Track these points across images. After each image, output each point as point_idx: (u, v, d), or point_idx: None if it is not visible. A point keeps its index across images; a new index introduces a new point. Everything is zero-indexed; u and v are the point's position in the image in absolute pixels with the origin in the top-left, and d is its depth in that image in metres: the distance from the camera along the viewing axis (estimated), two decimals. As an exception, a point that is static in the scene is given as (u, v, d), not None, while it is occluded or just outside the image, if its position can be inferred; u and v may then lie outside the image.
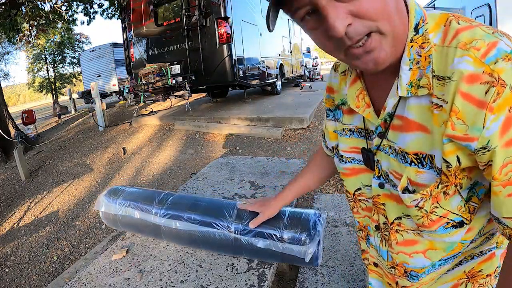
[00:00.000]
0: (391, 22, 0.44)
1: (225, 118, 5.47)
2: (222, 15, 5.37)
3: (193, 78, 5.68)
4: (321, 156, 0.88)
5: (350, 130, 0.64)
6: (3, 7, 7.09)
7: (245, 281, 1.04)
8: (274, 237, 1.03)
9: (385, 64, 0.47)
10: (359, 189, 0.65)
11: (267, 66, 7.05)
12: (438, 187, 0.50)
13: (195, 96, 9.13)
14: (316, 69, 12.41)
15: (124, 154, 5.20)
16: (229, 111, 6.04)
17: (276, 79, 7.50)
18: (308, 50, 13.14)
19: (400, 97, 0.50)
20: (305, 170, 0.93)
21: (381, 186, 0.59)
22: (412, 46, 0.48)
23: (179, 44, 5.84)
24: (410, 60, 0.48)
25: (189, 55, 5.75)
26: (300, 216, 1.05)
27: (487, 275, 0.62)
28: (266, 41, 7.05)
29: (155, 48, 6.24)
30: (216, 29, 5.39)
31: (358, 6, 0.42)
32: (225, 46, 5.41)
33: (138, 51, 6.51)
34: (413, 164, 0.51)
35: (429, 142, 0.49)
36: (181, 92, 6.05)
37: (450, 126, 0.44)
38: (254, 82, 6.47)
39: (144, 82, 5.94)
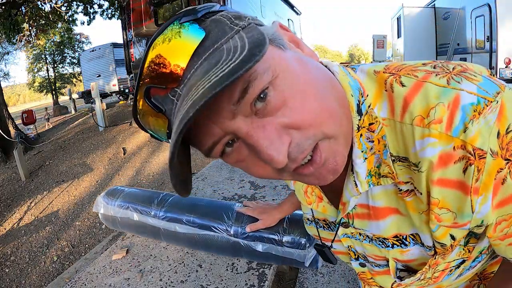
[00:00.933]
0: (335, 118, 0.34)
1: (225, 118, 5.47)
2: (222, 15, 5.37)
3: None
4: None
5: (308, 219, 0.58)
6: (3, 7, 7.10)
7: (245, 281, 1.04)
8: (273, 241, 1.03)
9: (344, 165, 0.37)
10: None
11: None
12: (435, 258, 0.45)
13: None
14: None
15: (124, 154, 5.20)
16: (229, 111, 6.05)
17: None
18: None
19: (367, 189, 0.42)
20: None
21: (362, 265, 0.55)
22: (361, 135, 0.39)
23: (179, 44, 5.84)
24: (362, 151, 0.40)
25: (189, 55, 5.75)
26: (299, 219, 1.05)
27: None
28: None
29: (155, 48, 6.25)
30: (216, 29, 5.39)
31: (289, 114, 0.31)
32: (225, 46, 5.42)
33: (138, 51, 6.51)
34: (395, 246, 0.46)
35: (407, 223, 0.43)
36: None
37: (435, 219, 0.38)
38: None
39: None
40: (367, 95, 0.39)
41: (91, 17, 9.28)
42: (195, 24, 0.32)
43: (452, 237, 0.41)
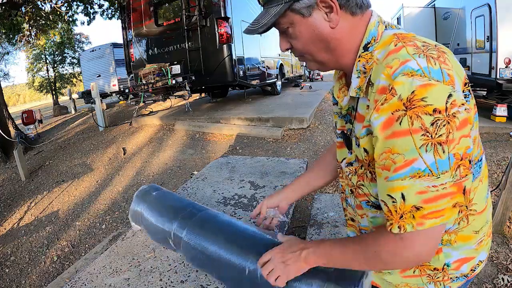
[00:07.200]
0: (314, 55, 0.67)
1: (225, 118, 5.47)
2: (222, 15, 5.37)
3: (193, 78, 5.68)
4: (328, 156, 0.96)
5: (341, 113, 0.77)
6: (3, 7, 7.09)
7: (245, 281, 1.04)
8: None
9: (322, 69, 0.71)
10: (344, 159, 0.77)
11: (267, 66, 7.06)
12: (361, 168, 0.68)
13: (195, 96, 9.13)
14: (316, 69, 12.39)
15: (124, 154, 5.20)
16: (229, 111, 6.04)
17: (276, 79, 7.50)
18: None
19: (354, 96, 0.66)
20: (309, 170, 1.01)
21: (339, 137, 0.79)
22: (359, 61, 0.63)
23: (179, 44, 5.84)
24: (357, 70, 0.64)
25: (189, 55, 5.74)
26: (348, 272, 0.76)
27: (434, 268, 0.68)
28: (266, 41, 7.06)
29: (155, 48, 6.24)
30: (216, 29, 5.39)
31: (293, 42, 0.67)
32: (225, 46, 5.41)
33: (138, 51, 6.51)
34: (360, 147, 0.65)
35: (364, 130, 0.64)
36: (181, 92, 6.05)
37: (368, 119, 0.58)
38: (254, 82, 6.47)
39: (144, 82, 5.94)
40: (377, 42, 0.61)
41: (91, 17, 9.27)
42: None
43: (366, 151, 0.62)
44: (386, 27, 0.64)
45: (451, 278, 0.69)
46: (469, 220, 0.67)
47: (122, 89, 10.35)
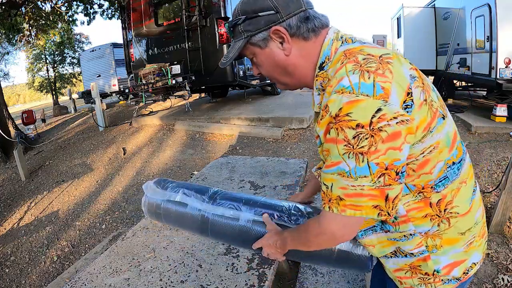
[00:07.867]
0: (277, 79, 0.78)
1: (225, 118, 5.47)
2: (222, 15, 5.37)
3: (193, 78, 5.68)
4: None
5: None
6: (3, 7, 7.09)
7: (245, 281, 1.04)
8: None
9: (289, 89, 0.81)
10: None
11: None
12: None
13: (195, 96, 9.13)
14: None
15: (124, 154, 5.20)
16: (229, 111, 6.04)
17: (276, 79, 7.50)
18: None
19: (318, 111, 0.72)
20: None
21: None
22: (317, 80, 0.71)
23: (179, 44, 5.83)
24: (317, 88, 0.72)
25: (189, 55, 5.74)
26: None
27: (425, 273, 0.72)
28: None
29: (155, 48, 6.24)
30: (216, 29, 5.39)
31: (260, 68, 0.78)
32: (225, 46, 5.41)
33: (138, 51, 6.50)
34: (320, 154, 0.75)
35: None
36: (181, 92, 6.05)
37: (316, 131, 0.68)
38: (254, 82, 6.47)
39: (144, 82, 5.94)
40: (330, 61, 0.68)
41: (91, 17, 9.27)
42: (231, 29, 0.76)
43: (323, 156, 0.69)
44: (342, 42, 0.69)
45: (442, 280, 0.70)
46: (451, 222, 0.68)
47: (122, 89, 10.34)
